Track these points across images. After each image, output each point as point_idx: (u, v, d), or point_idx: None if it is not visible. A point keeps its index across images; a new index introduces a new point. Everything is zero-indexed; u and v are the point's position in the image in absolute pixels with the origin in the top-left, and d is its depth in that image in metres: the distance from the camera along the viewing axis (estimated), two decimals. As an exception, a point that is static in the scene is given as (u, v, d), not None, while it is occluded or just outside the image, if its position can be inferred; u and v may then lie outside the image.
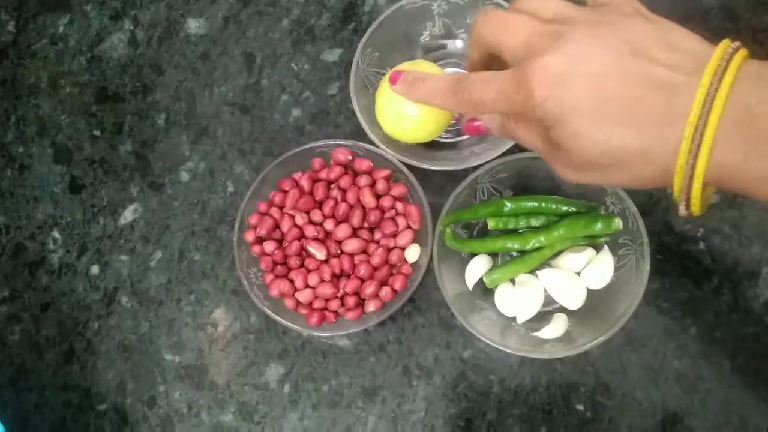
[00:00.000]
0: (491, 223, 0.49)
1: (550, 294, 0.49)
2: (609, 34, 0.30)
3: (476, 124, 0.38)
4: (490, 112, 0.36)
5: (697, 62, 0.29)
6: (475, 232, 0.52)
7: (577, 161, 0.32)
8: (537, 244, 0.48)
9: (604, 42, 0.30)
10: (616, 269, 0.49)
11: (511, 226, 0.50)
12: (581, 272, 0.50)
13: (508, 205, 0.49)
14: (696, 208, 0.30)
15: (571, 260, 0.49)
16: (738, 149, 0.28)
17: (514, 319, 0.50)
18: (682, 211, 0.31)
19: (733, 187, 0.29)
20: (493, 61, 0.37)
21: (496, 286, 0.50)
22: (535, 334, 0.48)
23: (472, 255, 0.51)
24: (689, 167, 0.29)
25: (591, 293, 0.49)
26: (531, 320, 0.49)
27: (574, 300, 0.49)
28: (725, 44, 0.29)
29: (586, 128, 0.30)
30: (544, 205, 0.49)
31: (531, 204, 0.49)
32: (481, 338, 0.46)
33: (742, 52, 0.29)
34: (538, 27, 0.32)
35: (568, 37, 0.30)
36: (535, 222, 0.49)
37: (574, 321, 0.49)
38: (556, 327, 0.48)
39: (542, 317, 0.49)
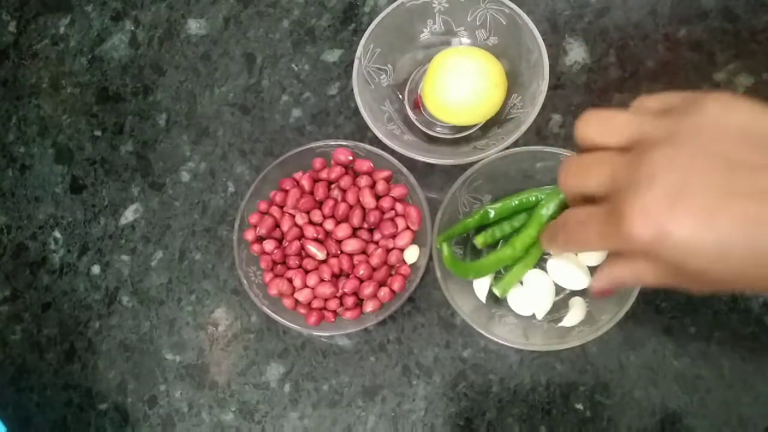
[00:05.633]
0: (479, 241, 0.49)
1: (556, 281, 0.49)
2: (696, 152, 0.28)
3: (597, 289, 0.36)
4: (599, 250, 0.35)
5: None
6: (468, 246, 0.52)
7: (707, 284, 0.30)
8: (529, 241, 0.48)
9: (696, 164, 0.28)
10: None
11: (498, 235, 0.49)
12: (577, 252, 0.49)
13: (492, 212, 0.49)
14: None
15: None
16: None
17: (533, 316, 0.50)
18: None
19: None
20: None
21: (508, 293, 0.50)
22: (559, 325, 0.48)
23: None
24: None
25: (595, 269, 0.49)
26: (550, 312, 0.49)
27: (581, 279, 0.49)
28: None
29: (712, 260, 0.28)
30: (524, 200, 0.49)
31: (513, 203, 0.49)
32: (508, 344, 0.46)
33: None
34: (616, 161, 0.30)
35: (655, 166, 0.28)
36: (517, 223, 0.49)
37: (590, 301, 0.49)
38: (576, 312, 0.48)
39: (560, 306, 0.49)
